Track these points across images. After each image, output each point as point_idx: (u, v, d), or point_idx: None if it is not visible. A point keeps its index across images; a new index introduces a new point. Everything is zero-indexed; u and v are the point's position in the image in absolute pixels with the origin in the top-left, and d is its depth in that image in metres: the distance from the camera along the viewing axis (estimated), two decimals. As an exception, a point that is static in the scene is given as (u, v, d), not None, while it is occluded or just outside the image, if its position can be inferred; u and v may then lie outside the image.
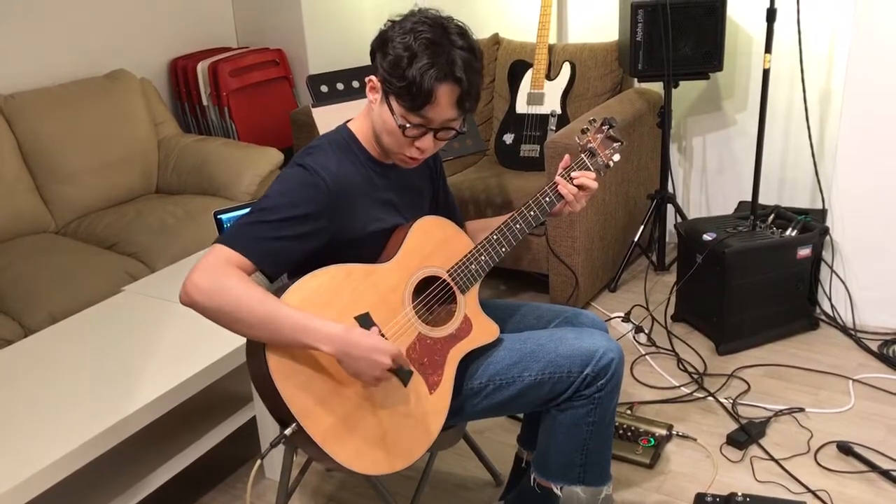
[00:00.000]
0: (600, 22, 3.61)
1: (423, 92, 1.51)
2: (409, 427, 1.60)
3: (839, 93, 3.10)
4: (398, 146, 1.62)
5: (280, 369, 1.50)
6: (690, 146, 3.61)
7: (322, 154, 1.62)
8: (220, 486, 2.32)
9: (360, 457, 1.54)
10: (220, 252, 1.50)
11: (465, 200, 3.21)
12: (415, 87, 1.51)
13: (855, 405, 2.51)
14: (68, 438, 1.71)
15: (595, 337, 1.72)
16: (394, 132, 1.59)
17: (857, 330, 2.90)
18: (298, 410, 1.49)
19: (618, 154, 1.90)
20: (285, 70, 4.14)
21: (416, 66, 1.50)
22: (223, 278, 1.46)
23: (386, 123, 1.59)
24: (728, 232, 2.82)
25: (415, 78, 1.50)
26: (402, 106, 1.55)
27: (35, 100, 3.24)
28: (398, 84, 1.52)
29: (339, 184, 1.60)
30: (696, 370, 2.72)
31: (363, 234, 1.66)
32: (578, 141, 1.90)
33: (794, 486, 2.17)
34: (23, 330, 2.52)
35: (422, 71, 1.50)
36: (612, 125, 1.90)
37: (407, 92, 1.52)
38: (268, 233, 1.53)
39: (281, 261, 1.56)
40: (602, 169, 1.87)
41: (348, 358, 1.48)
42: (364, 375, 1.50)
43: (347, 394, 1.55)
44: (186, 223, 3.11)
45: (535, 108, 3.44)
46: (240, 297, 1.45)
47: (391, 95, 1.56)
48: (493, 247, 1.75)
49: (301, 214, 1.55)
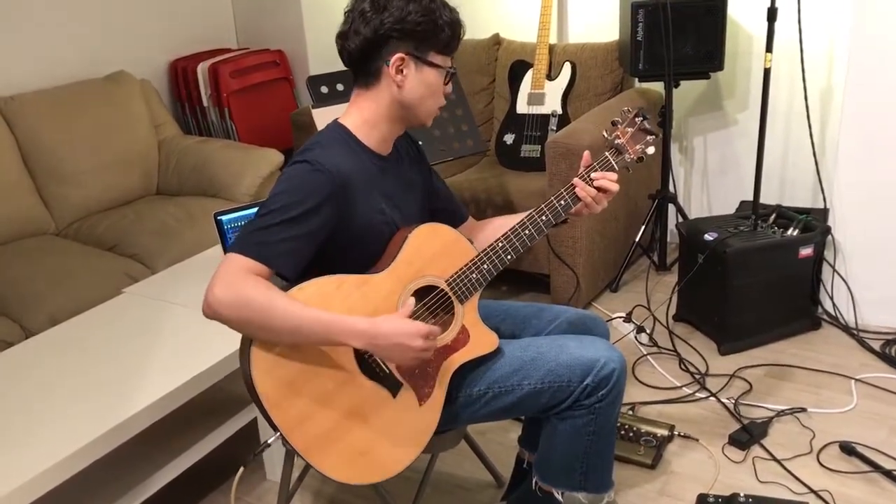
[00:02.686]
0: (601, 22, 3.60)
1: (456, 32, 1.65)
2: (396, 438, 1.59)
3: (840, 92, 3.10)
4: (438, 102, 1.70)
5: (264, 380, 1.49)
6: (691, 146, 3.61)
7: (321, 148, 1.62)
8: (221, 489, 2.32)
9: (343, 467, 1.53)
10: (236, 261, 1.50)
11: (466, 201, 3.20)
12: (454, 26, 1.64)
13: (857, 405, 2.50)
14: (69, 441, 1.71)
15: (597, 346, 1.70)
16: (437, 90, 1.67)
17: (859, 329, 2.90)
18: (282, 422, 1.50)
19: (652, 147, 1.81)
20: (285, 71, 4.14)
21: (444, 10, 1.63)
22: (244, 289, 1.46)
23: (430, 86, 1.65)
24: (729, 232, 2.81)
25: (451, 19, 1.64)
26: (445, 53, 1.66)
27: (35, 101, 3.24)
28: (441, 33, 1.62)
29: (343, 174, 1.59)
30: (697, 370, 2.72)
31: (367, 227, 1.65)
32: (606, 135, 1.79)
33: (796, 486, 2.17)
34: (23, 332, 2.52)
35: (449, 10, 1.64)
36: (646, 117, 1.81)
37: (449, 34, 1.64)
38: (279, 234, 1.52)
39: (296, 260, 1.55)
40: (630, 165, 1.79)
41: (379, 349, 1.51)
42: (402, 362, 1.54)
43: (334, 404, 1.54)
44: (187, 225, 3.10)
45: (536, 108, 3.43)
46: (263, 307, 1.46)
47: (432, 52, 1.64)
48: (498, 255, 1.71)
49: (310, 209, 1.54)
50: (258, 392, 1.49)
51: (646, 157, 1.81)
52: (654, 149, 1.83)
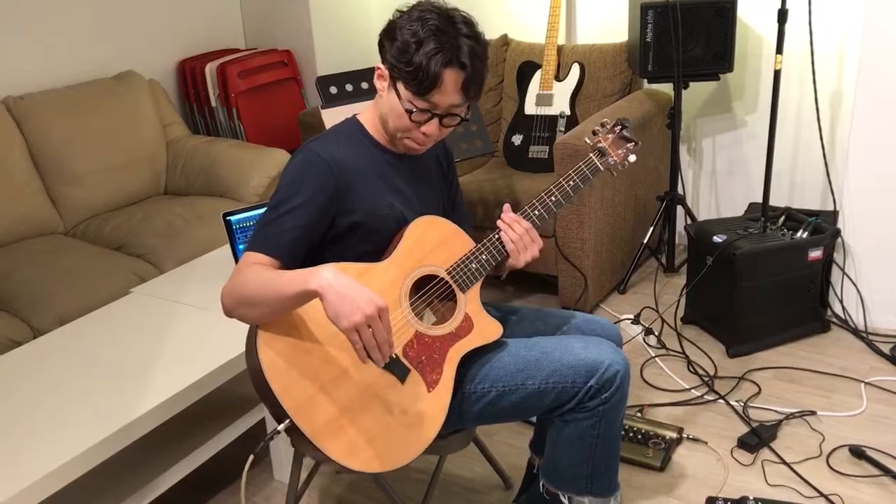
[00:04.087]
0: (609, 23, 3.60)
1: (429, 76, 1.55)
2: (407, 425, 1.59)
3: (850, 94, 3.08)
4: (404, 130, 1.66)
5: (272, 366, 1.50)
6: (700, 147, 3.60)
7: (323, 139, 1.67)
8: (229, 489, 2.32)
9: (354, 454, 1.52)
10: (246, 257, 1.57)
11: (474, 202, 3.20)
12: (421, 72, 1.55)
13: (867, 408, 2.49)
14: (77, 441, 1.71)
15: (602, 347, 1.70)
16: (401, 116, 1.63)
17: (868, 332, 2.88)
18: (290, 406, 1.49)
19: (633, 155, 1.91)
20: (293, 71, 4.14)
21: (423, 51, 1.54)
22: (238, 275, 1.53)
23: (394, 109, 1.63)
24: (738, 234, 2.81)
25: (421, 63, 1.54)
26: (410, 91, 1.59)
27: (44, 101, 3.25)
28: (406, 69, 1.57)
29: (341, 164, 1.63)
30: (706, 373, 2.71)
31: (371, 218, 1.67)
32: (588, 142, 1.90)
33: (806, 489, 2.15)
34: (31, 331, 2.52)
35: (429, 56, 1.54)
36: (626, 126, 1.90)
37: (414, 77, 1.56)
38: (282, 226, 1.57)
39: (301, 249, 1.59)
40: (614, 168, 1.89)
41: (333, 292, 1.40)
42: (342, 318, 1.40)
43: (343, 390, 1.54)
44: (195, 224, 3.11)
45: (544, 109, 3.42)
46: (246, 283, 1.50)
47: (399, 81, 1.60)
48: (496, 246, 1.76)
49: (309, 198, 1.58)
50: (266, 378, 1.49)
51: (628, 165, 1.91)
52: (636, 157, 1.92)
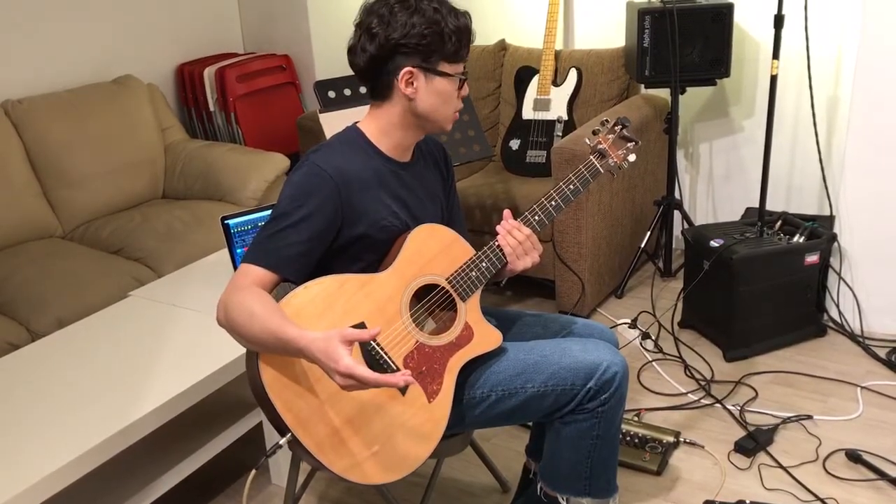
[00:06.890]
0: (607, 28, 3.61)
1: (466, 36, 1.63)
2: (408, 436, 1.59)
3: (847, 99, 3.10)
4: (453, 107, 1.69)
5: (274, 380, 1.50)
6: (697, 152, 3.61)
7: (327, 150, 1.66)
8: (227, 492, 2.32)
9: (356, 466, 1.53)
10: (245, 270, 1.55)
11: (472, 206, 3.21)
12: (461, 34, 1.62)
13: (863, 413, 2.49)
14: (75, 443, 1.71)
15: (600, 349, 1.71)
16: (450, 97, 1.66)
17: (865, 337, 2.89)
18: (292, 420, 1.50)
19: (633, 154, 1.90)
20: (292, 75, 4.15)
21: (449, 18, 1.60)
22: (236, 298, 1.51)
23: (441, 94, 1.65)
24: (735, 238, 2.81)
25: (457, 27, 1.61)
26: (454, 61, 1.64)
27: (42, 105, 3.25)
28: (448, 43, 1.60)
29: (345, 175, 1.62)
30: (703, 377, 2.71)
31: (374, 229, 1.66)
32: (588, 142, 1.89)
33: (802, 493, 2.16)
34: (30, 335, 2.52)
35: (456, 17, 1.61)
36: (626, 125, 1.89)
37: (457, 43, 1.61)
38: (285, 240, 1.56)
39: (304, 263, 1.58)
40: (614, 170, 1.88)
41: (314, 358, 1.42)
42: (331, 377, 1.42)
43: (344, 403, 1.54)
44: (193, 228, 3.11)
45: (542, 113, 3.43)
46: (242, 325, 1.49)
47: (441, 62, 1.62)
48: (496, 253, 1.74)
49: (312, 212, 1.57)
50: (268, 394, 1.49)
51: (627, 165, 1.90)
52: (636, 157, 1.91)
